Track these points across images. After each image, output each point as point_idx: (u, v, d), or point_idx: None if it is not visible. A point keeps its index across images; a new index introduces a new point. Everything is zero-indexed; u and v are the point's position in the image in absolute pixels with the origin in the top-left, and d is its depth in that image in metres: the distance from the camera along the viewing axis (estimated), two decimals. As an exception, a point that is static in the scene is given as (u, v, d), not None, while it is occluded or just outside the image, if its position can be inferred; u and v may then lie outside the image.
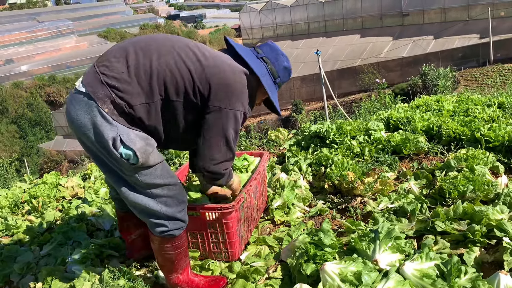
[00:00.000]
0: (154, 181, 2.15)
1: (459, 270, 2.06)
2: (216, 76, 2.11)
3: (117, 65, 2.04)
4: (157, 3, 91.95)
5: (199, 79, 2.09)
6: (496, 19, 24.00)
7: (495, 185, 2.93)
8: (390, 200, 3.07)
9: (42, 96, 34.90)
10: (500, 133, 3.58)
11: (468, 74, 21.29)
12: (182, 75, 2.07)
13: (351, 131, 4.22)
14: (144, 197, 2.17)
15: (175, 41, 2.18)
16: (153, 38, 2.18)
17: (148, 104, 2.06)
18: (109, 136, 2.00)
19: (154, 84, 2.04)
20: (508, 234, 2.35)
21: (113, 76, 2.02)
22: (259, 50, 2.34)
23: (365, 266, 2.20)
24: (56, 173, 4.99)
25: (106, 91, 2.00)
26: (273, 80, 2.34)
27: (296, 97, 26.81)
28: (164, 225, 2.24)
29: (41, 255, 3.14)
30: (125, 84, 2.01)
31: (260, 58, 2.31)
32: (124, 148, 2.01)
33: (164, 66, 2.05)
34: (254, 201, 2.98)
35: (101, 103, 1.99)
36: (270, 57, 2.33)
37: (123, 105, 2.01)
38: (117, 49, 2.12)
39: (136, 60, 2.05)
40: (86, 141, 2.09)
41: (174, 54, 2.10)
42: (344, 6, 30.62)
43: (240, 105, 2.16)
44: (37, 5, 66.74)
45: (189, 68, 2.08)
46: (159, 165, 2.15)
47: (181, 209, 2.28)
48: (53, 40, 41.73)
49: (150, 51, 2.08)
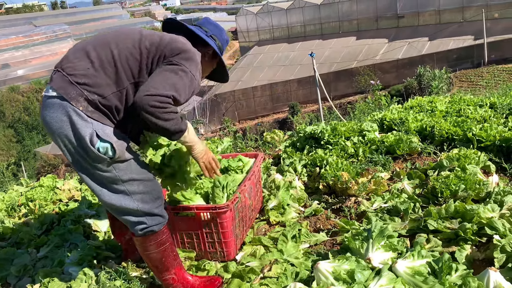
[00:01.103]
0: (130, 176, 2.19)
1: (450, 267, 2.10)
2: (171, 44, 2.20)
3: (81, 64, 2.13)
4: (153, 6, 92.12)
5: (157, 49, 2.18)
6: (490, 21, 24.17)
7: (486, 184, 2.97)
8: (383, 199, 3.11)
9: (39, 100, 34.85)
10: (492, 133, 3.63)
11: (462, 75, 21.42)
12: (140, 51, 2.17)
13: (345, 132, 4.26)
14: (119, 196, 2.20)
15: (129, 29, 2.32)
16: (107, 33, 2.30)
17: (120, 91, 2.15)
18: (86, 133, 2.06)
19: (120, 71, 2.14)
20: (498, 231, 2.39)
21: (81, 74, 2.10)
22: (206, 29, 2.47)
23: (358, 265, 2.24)
24: (53, 176, 5.01)
25: (77, 90, 2.08)
26: (220, 54, 2.53)
27: (293, 99, 26.88)
28: (142, 222, 2.26)
29: (38, 257, 3.16)
30: (93, 78, 2.10)
31: (209, 36, 2.45)
32: (101, 142, 2.08)
33: (124, 51, 2.15)
34: (249, 201, 3.00)
35: (75, 102, 2.07)
36: (216, 34, 2.50)
37: (96, 100, 2.09)
38: (75, 51, 2.20)
39: (97, 55, 2.14)
40: (63, 142, 2.13)
41: (130, 38, 2.21)
42: (340, 9, 30.75)
43: (194, 69, 2.20)
44: (34, 9, 66.72)
45: (146, 45, 2.18)
46: (132, 160, 2.21)
47: (157, 204, 2.31)
48: (49, 44, 41.72)
49: (108, 43, 2.19)
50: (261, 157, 3.34)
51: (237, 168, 3.16)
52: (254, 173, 3.08)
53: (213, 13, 78.26)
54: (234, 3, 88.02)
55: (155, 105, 2.00)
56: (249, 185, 2.95)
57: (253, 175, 3.06)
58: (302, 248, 2.76)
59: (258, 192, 3.27)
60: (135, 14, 69.47)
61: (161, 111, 2.02)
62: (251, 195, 3.05)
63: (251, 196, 3.05)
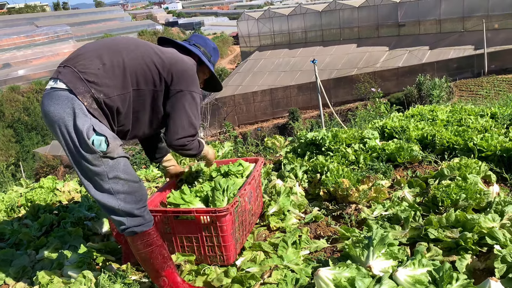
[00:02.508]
0: (116, 174, 2.26)
1: (451, 276, 2.10)
2: (175, 64, 2.52)
3: (92, 63, 2.31)
4: (155, 10, 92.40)
5: (162, 68, 2.47)
6: (490, 31, 24.29)
7: (487, 193, 2.98)
8: (384, 207, 3.11)
9: (39, 101, 34.80)
10: (493, 143, 3.64)
11: (463, 85, 21.48)
12: (149, 67, 2.44)
13: (346, 139, 4.27)
14: (104, 193, 2.27)
15: (138, 41, 2.59)
16: (118, 40, 2.53)
17: (124, 94, 2.37)
18: (84, 126, 2.19)
19: (127, 77, 2.37)
20: (499, 241, 2.39)
21: (92, 73, 2.28)
22: (190, 40, 2.81)
23: (358, 272, 2.23)
24: (53, 177, 5.00)
25: (85, 86, 2.25)
26: (208, 59, 2.79)
27: (293, 105, 26.91)
28: (122, 222, 2.31)
29: (37, 259, 3.15)
30: (102, 78, 2.29)
31: (193, 45, 2.76)
32: (96, 135, 2.20)
33: (133, 61, 2.40)
34: (249, 206, 3.01)
35: (81, 97, 2.23)
36: (200, 43, 2.80)
37: (101, 99, 2.27)
38: (88, 52, 2.39)
39: (109, 58, 2.35)
40: (62, 132, 2.23)
41: (139, 51, 2.47)
42: (341, 16, 30.87)
43: (196, 87, 2.58)
44: (36, 9, 66.84)
45: (153, 60, 2.46)
46: (122, 159, 2.30)
47: (139, 206, 2.34)
48: (51, 45, 41.78)
49: (120, 50, 2.41)
50: (261, 162, 3.36)
51: (237, 172, 3.19)
52: (254, 177, 3.10)
53: (214, 17, 78.52)
54: (236, 8, 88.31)
55: (183, 146, 2.59)
56: (249, 189, 2.96)
57: (253, 179, 3.08)
58: (302, 255, 2.75)
59: (258, 197, 3.28)
60: (136, 17, 69.63)
61: (187, 147, 2.61)
62: (251, 200, 3.07)
63: (251, 200, 3.07)
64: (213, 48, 2.86)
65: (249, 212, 3.02)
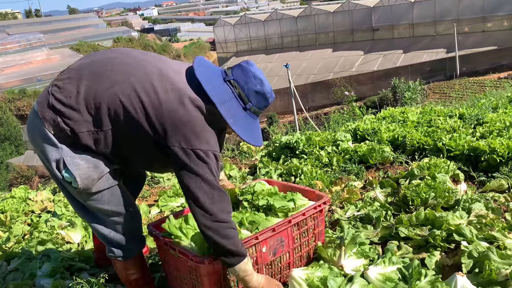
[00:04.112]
0: (101, 207, 2.10)
1: (420, 273, 2.15)
2: (172, 113, 1.91)
3: (68, 87, 1.96)
4: (131, 16, 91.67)
5: (155, 114, 1.91)
6: (461, 34, 24.91)
7: (455, 192, 3.06)
8: (356, 208, 3.16)
9: (12, 110, 34.08)
10: (461, 143, 3.74)
11: (436, 87, 21.91)
12: (135, 108, 1.91)
13: (319, 142, 4.33)
14: (94, 220, 2.17)
15: (137, 67, 2.01)
16: (111, 63, 2.03)
17: (97, 132, 1.95)
18: (52, 158, 1.97)
19: (103, 114, 1.92)
20: (466, 238, 2.46)
21: (60, 100, 1.94)
22: (228, 72, 2.05)
23: (331, 272, 2.28)
24: (25, 187, 4.92)
25: (52, 114, 1.94)
26: (243, 106, 2.04)
27: (271, 110, 26.94)
28: (111, 250, 2.23)
29: (8, 270, 3.09)
30: (70, 110, 1.93)
31: (227, 81, 2.03)
32: (65, 171, 1.97)
33: (115, 97, 1.91)
34: (271, 258, 2.31)
35: (48, 125, 1.95)
36: (240, 80, 2.03)
37: (67, 131, 1.94)
38: (74, 69, 2.04)
39: (88, 86, 1.94)
40: (40, 156, 2.08)
41: (129, 83, 1.94)
42: (316, 21, 31.20)
43: (205, 144, 1.94)
44: (7, 17, 65.56)
45: (143, 101, 1.91)
46: (106, 191, 2.07)
47: (130, 236, 2.23)
48: (23, 53, 40.94)
49: (103, 78, 1.95)
50: (323, 202, 2.47)
51: (281, 209, 2.48)
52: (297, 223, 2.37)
53: (191, 23, 78.32)
54: (212, 14, 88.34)
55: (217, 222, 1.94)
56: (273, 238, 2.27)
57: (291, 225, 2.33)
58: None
59: (302, 246, 2.47)
60: (111, 24, 68.94)
61: (217, 232, 1.94)
62: (279, 250, 2.34)
63: (279, 251, 2.34)
64: (255, 92, 2.03)
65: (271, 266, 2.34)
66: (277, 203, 2.47)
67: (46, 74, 37.59)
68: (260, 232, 2.21)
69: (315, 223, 2.48)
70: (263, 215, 2.46)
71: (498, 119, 4.40)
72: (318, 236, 2.53)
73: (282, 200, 2.51)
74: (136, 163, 2.17)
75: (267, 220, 2.41)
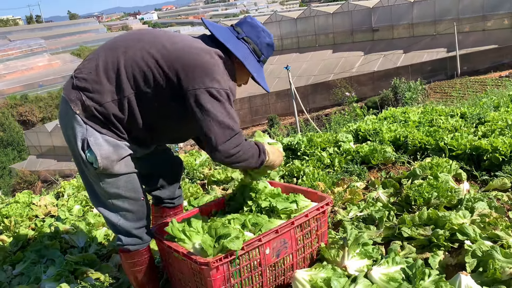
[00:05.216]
0: (115, 191, 2.17)
1: (423, 272, 2.15)
2: (183, 57, 2.07)
3: (87, 66, 2.11)
4: (131, 20, 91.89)
5: (167, 64, 2.06)
6: (461, 34, 24.91)
7: (458, 191, 3.06)
8: (359, 208, 3.16)
9: (14, 116, 34.21)
10: (463, 142, 3.74)
11: (437, 87, 21.91)
12: (148, 65, 2.06)
13: (321, 143, 4.34)
14: (106, 207, 2.22)
15: (144, 34, 2.20)
16: (122, 37, 2.22)
17: (120, 99, 2.08)
18: (78, 138, 2.07)
19: (123, 79, 2.06)
20: (469, 237, 2.46)
21: (83, 78, 2.08)
22: (239, 30, 2.24)
23: (334, 273, 2.27)
24: (28, 192, 4.94)
25: (77, 93, 2.07)
26: (257, 59, 2.27)
27: (271, 112, 27.02)
28: (120, 239, 2.27)
29: (13, 274, 3.11)
30: (93, 83, 2.06)
31: (241, 39, 2.22)
32: (88, 151, 2.06)
33: (130, 61, 2.07)
34: (274, 259, 2.30)
35: (74, 105, 2.07)
36: (252, 36, 2.24)
37: (92, 106, 2.05)
38: (92, 53, 2.20)
39: (104, 59, 2.09)
40: (68, 142, 2.17)
41: (140, 46, 2.10)
42: (316, 23, 31.22)
43: (216, 83, 2.07)
44: (8, 23, 65.77)
45: (155, 56, 2.07)
46: (123, 176, 2.16)
47: (139, 225, 2.28)
48: (25, 59, 41.08)
49: (117, 48, 2.12)
50: (326, 203, 2.47)
51: (283, 211, 2.49)
52: (301, 225, 2.36)
53: (190, 27, 78.40)
54: (212, 17, 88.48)
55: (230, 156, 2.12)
56: (277, 240, 2.27)
57: (294, 226, 2.32)
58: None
59: (305, 248, 2.47)
60: (112, 28, 69.16)
61: (236, 156, 2.13)
62: (282, 251, 2.34)
63: (282, 252, 2.33)
64: (267, 45, 2.28)
65: (274, 267, 2.34)
66: (279, 204, 2.48)
67: (48, 79, 37.74)
68: (264, 234, 2.22)
69: (318, 225, 2.48)
70: (266, 217, 2.47)
71: (500, 118, 4.40)
72: (321, 237, 2.54)
73: (285, 201, 2.52)
74: (160, 132, 2.25)
75: (270, 222, 2.42)
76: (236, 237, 2.10)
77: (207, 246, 2.10)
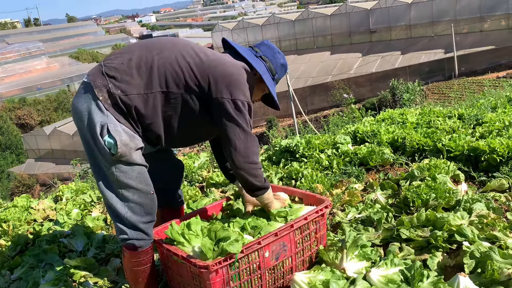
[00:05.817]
0: (127, 181, 2.20)
1: (422, 274, 2.16)
2: (215, 68, 2.24)
3: (119, 59, 2.20)
4: (129, 23, 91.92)
5: (199, 71, 2.21)
6: (459, 35, 24.94)
7: (456, 192, 3.06)
8: (357, 210, 3.17)
9: (12, 119, 34.12)
10: (460, 143, 3.75)
11: (435, 88, 21.93)
12: (181, 67, 2.20)
13: (319, 145, 4.34)
14: (115, 197, 2.22)
15: (179, 40, 2.37)
16: (158, 39, 2.36)
17: (146, 94, 2.17)
18: (98, 122, 2.11)
19: (154, 76, 2.17)
20: (467, 238, 2.47)
21: (113, 67, 2.16)
22: (257, 49, 2.47)
23: (333, 275, 2.28)
24: (27, 195, 4.93)
25: (104, 80, 2.14)
26: (272, 77, 2.47)
27: (270, 114, 26.96)
28: (125, 232, 2.26)
29: (11, 279, 3.09)
30: (123, 74, 2.15)
31: (259, 57, 2.43)
32: (108, 136, 2.11)
33: (164, 60, 2.19)
34: (273, 261, 2.32)
35: (98, 91, 2.12)
36: (268, 55, 2.46)
37: (117, 95, 2.12)
38: (123, 48, 2.31)
39: (139, 54, 2.20)
40: (81, 126, 2.19)
41: (175, 50, 2.25)
42: (314, 24, 31.26)
43: (242, 95, 2.25)
44: (6, 26, 65.71)
45: (188, 61, 2.22)
46: (137, 167, 2.22)
47: (146, 220, 2.29)
48: (23, 62, 41.01)
49: (153, 48, 2.24)
50: (325, 206, 2.50)
51: (279, 215, 2.53)
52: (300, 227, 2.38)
53: (189, 29, 78.48)
54: (210, 19, 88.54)
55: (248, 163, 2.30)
56: (276, 243, 2.29)
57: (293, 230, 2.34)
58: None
59: (304, 251, 2.48)
60: (110, 31, 69.15)
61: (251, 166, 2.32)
62: (281, 255, 2.35)
63: (281, 256, 2.35)
64: (281, 65, 2.51)
65: (274, 270, 2.34)
66: (274, 210, 2.55)
67: (46, 82, 37.66)
68: (263, 237, 2.23)
69: (317, 227, 2.52)
70: (265, 220, 2.52)
71: (497, 119, 4.41)
72: (320, 239, 2.56)
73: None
74: (174, 134, 2.33)
75: (269, 225, 2.45)
76: (235, 240, 2.11)
77: (207, 249, 2.11)
